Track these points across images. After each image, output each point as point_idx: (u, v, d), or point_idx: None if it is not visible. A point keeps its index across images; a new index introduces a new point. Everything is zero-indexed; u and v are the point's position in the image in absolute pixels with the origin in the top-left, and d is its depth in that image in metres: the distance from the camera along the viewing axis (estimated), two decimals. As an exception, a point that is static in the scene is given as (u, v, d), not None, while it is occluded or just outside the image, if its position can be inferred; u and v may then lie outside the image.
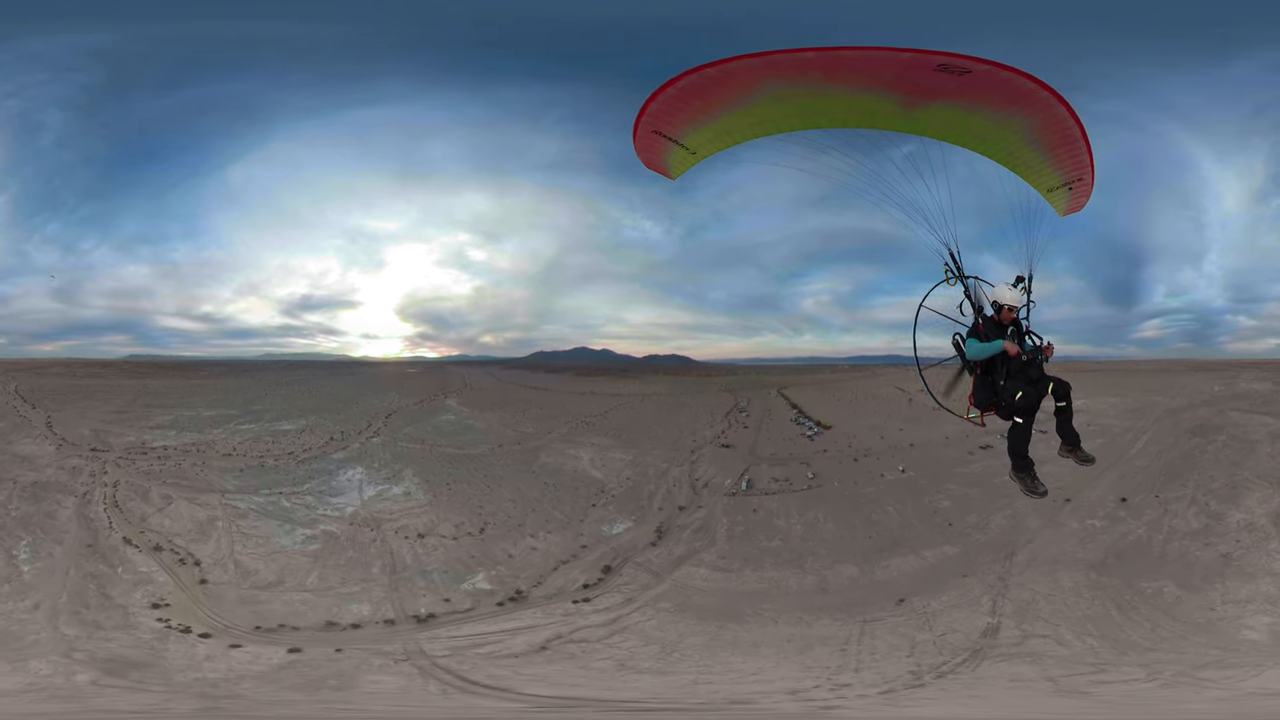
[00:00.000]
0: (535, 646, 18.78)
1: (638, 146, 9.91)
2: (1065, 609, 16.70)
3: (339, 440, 31.44)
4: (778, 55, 8.67)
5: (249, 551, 24.88)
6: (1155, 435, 24.27)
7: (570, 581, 21.04)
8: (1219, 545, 19.79)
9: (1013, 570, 17.26)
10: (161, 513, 27.09)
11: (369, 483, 28.47)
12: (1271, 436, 24.69)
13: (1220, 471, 22.25)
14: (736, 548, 17.94)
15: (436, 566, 23.14)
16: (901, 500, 19.35)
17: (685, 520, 20.23)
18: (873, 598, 15.60)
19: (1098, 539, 19.05)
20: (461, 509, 25.56)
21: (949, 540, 17.67)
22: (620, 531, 22.11)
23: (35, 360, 38.75)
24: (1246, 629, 17.73)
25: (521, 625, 20.19)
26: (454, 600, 21.49)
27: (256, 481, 29.02)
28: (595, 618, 19.07)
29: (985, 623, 15.48)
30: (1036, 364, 10.19)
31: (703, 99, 9.21)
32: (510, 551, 23.25)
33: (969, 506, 19.24)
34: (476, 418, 32.69)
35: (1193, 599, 17.95)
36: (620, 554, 21.28)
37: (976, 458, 22.04)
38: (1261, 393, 28.01)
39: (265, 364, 42.34)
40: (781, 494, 19.62)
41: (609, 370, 42.11)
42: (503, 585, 21.86)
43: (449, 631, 20.31)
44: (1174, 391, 28.36)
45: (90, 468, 29.66)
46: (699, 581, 17.72)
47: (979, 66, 8.61)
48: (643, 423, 29.44)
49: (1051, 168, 9.73)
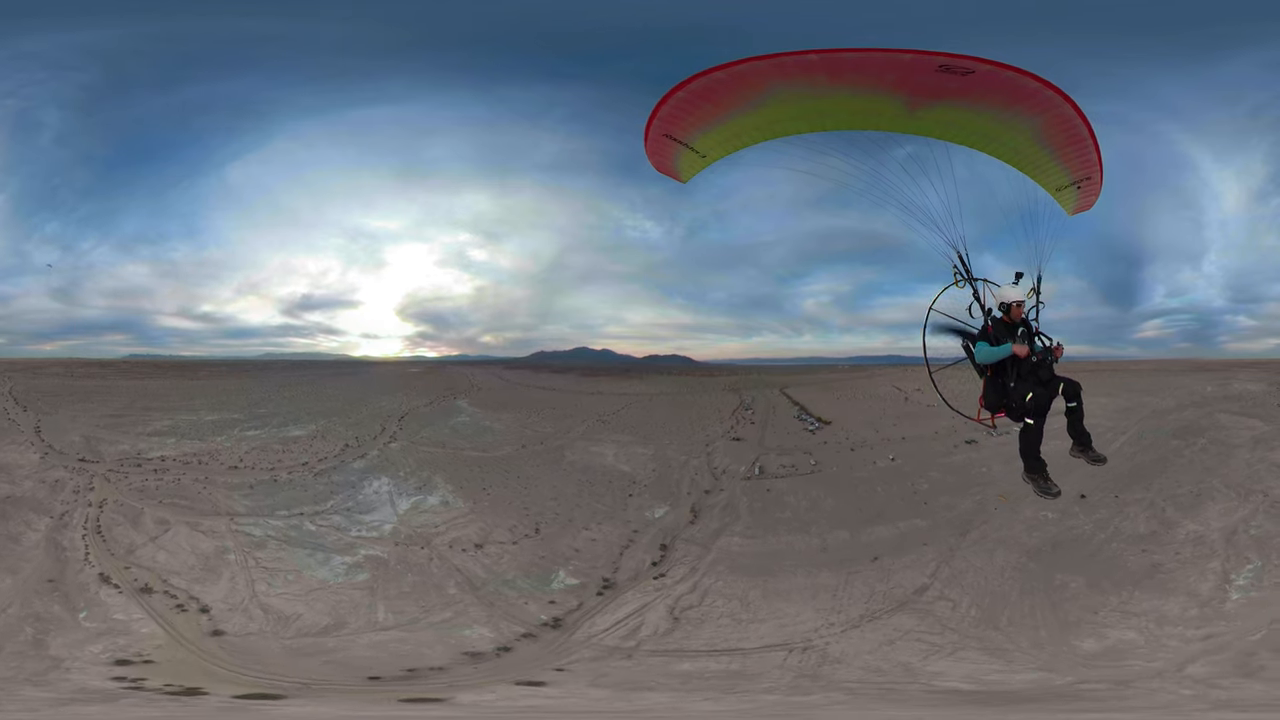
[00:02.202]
0: (669, 619, 18.58)
1: (649, 150, 9.95)
2: (982, 582, 18.32)
3: (355, 447, 29.46)
4: (783, 57, 8.73)
5: (280, 591, 21.35)
6: (1134, 436, 24.48)
7: (640, 562, 21.21)
8: (1155, 554, 19.55)
9: (962, 545, 19.26)
10: (155, 542, 23.07)
11: (399, 494, 26.28)
12: (1254, 441, 24.16)
13: (1189, 477, 21.87)
14: (758, 520, 20.69)
15: (516, 573, 21.65)
16: (888, 483, 21.89)
17: (712, 502, 22.20)
18: (857, 555, 18.68)
19: (1045, 529, 20.14)
20: (507, 513, 24.32)
21: (921, 516, 20.19)
22: (661, 515, 22.73)
23: (34, 360, 38.51)
24: (1090, 639, 17.52)
25: (636, 606, 19.68)
26: (559, 601, 20.18)
27: (271, 501, 26.05)
28: (680, 588, 19.86)
29: (922, 582, 17.96)
30: (1046, 365, 10.23)
31: (711, 102, 9.27)
32: (574, 546, 22.43)
33: (944, 490, 21.34)
34: (492, 419, 31.71)
35: (1087, 598, 18.22)
36: (668, 533, 22.05)
37: (959, 450, 23.78)
38: (1254, 394, 27.65)
39: (266, 364, 42.25)
40: (789, 477, 22.50)
41: (612, 370, 42.21)
42: (588, 577, 20.97)
43: (590, 628, 18.96)
44: (1166, 392, 28.25)
45: (75, 482, 26.35)
46: (735, 548, 20.04)
47: (982, 66, 8.66)
48: (656, 420, 29.86)
49: (1059, 166, 9.78)
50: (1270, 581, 18.88)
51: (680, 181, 10.47)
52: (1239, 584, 19.04)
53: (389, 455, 28.56)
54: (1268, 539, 19.95)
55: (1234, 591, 18.78)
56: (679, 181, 10.47)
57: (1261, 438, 24.26)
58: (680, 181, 10.47)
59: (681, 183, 10.46)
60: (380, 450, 28.90)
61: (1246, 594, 18.63)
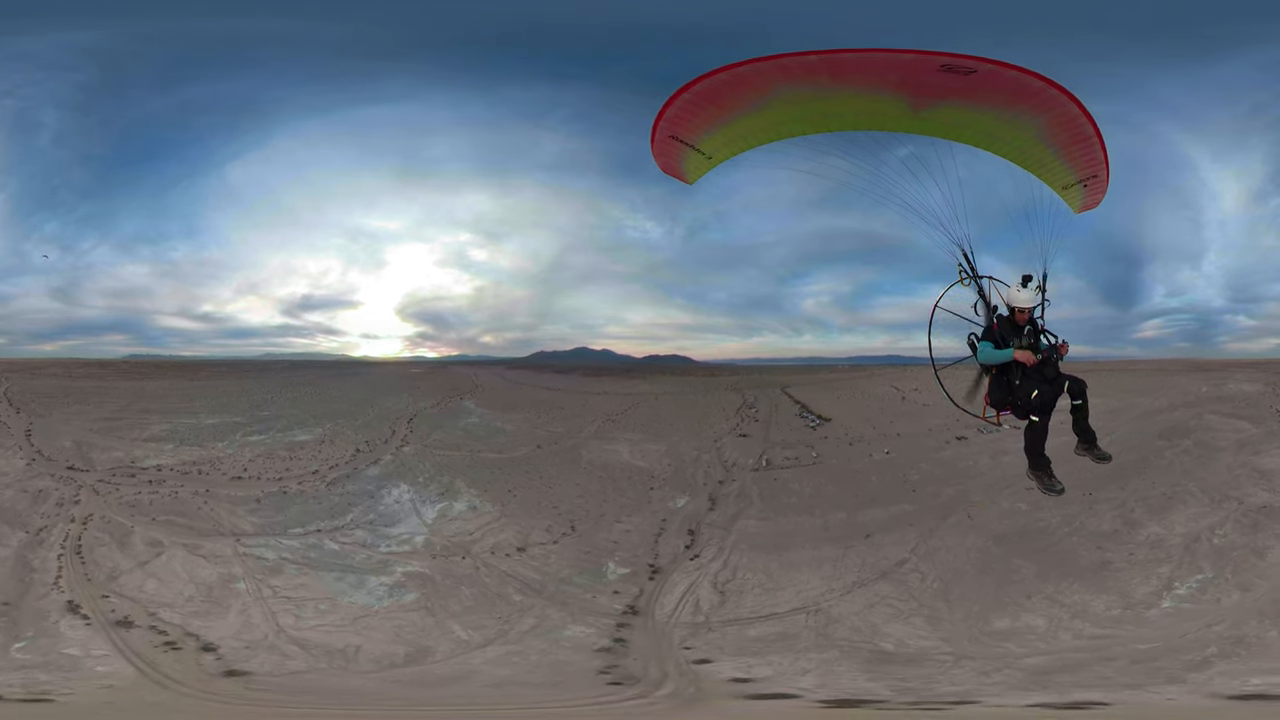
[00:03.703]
0: (716, 594, 19.35)
1: (655, 152, 9.98)
2: (950, 560, 19.58)
3: (366, 452, 27.80)
4: (786, 58, 8.76)
5: (314, 623, 18.65)
6: (1120, 437, 24.29)
7: (675, 546, 21.77)
8: (1110, 552, 19.43)
9: (941, 527, 20.59)
10: (144, 568, 20.17)
11: (423, 502, 24.55)
12: (1238, 445, 23.76)
13: (1166, 479, 21.64)
14: (768, 505, 22.38)
15: (569, 571, 21.04)
16: (883, 473, 23.52)
17: (726, 490, 23.54)
18: (852, 533, 20.44)
19: (1015, 518, 20.92)
20: (539, 514, 23.69)
21: (909, 501, 21.77)
22: (683, 504, 23.54)
23: (34, 360, 38.32)
24: (1006, 619, 17.85)
25: (685, 585, 20.12)
26: (621, 590, 19.93)
27: (282, 517, 23.20)
28: (714, 565, 20.64)
29: (902, 556, 19.50)
30: (1052, 363, 10.27)
31: (716, 103, 9.31)
32: (612, 539, 22.42)
33: (931, 480, 22.86)
34: (502, 420, 31.17)
35: (1030, 584, 18.74)
36: (692, 520, 22.86)
37: (949, 446, 24.88)
38: (1248, 394, 27.30)
39: (266, 364, 42.18)
40: (793, 468, 24.19)
41: (614, 370, 42.26)
42: (635, 565, 20.97)
43: (662, 610, 19.20)
44: (1159, 392, 28.03)
45: (60, 493, 23.54)
46: (752, 529, 21.52)
47: (984, 66, 8.69)
48: (664, 419, 30.32)
49: (1065, 165, 9.81)
50: (1212, 595, 18.39)
51: (687, 183, 10.52)
52: (1178, 592, 18.63)
53: (403, 460, 27.37)
54: (1228, 550, 19.58)
55: (1168, 600, 18.41)
56: (686, 183, 10.53)
57: (1248, 441, 23.92)
58: (687, 183, 10.52)
59: (688, 184, 10.52)
60: (394, 455, 27.72)
61: (1179, 604, 18.27)
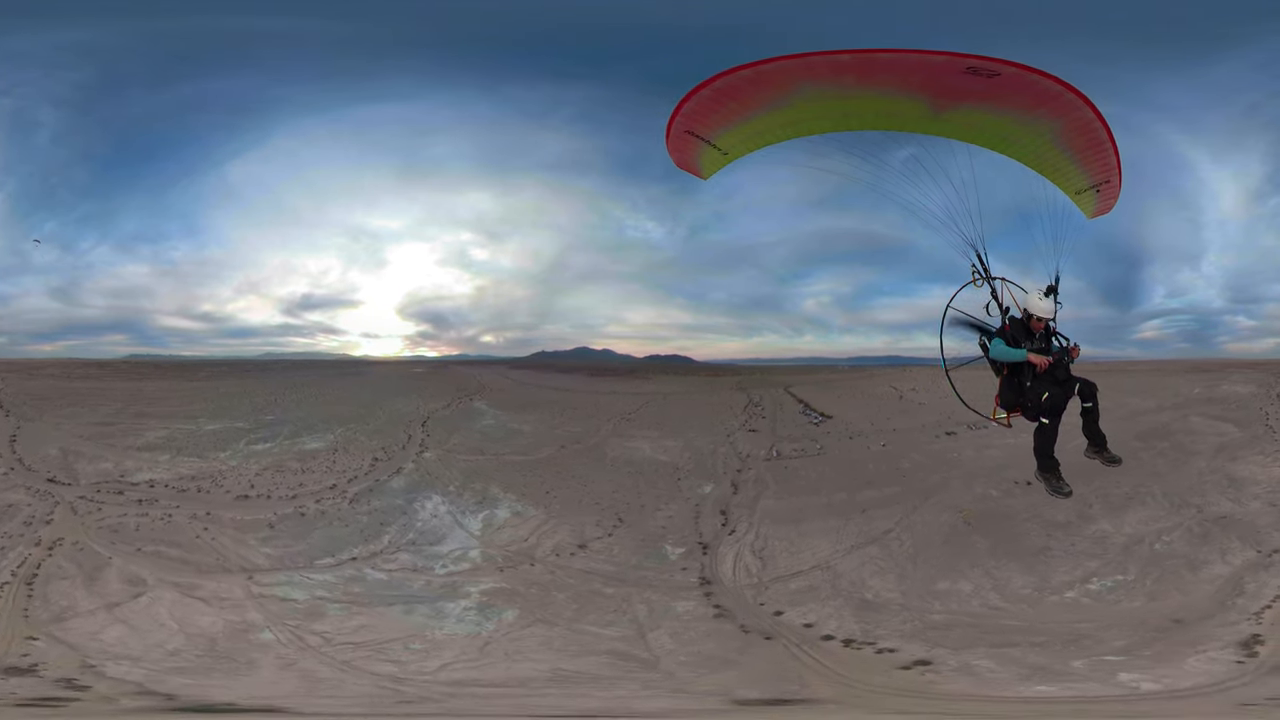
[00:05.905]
0: (757, 560, 21.51)
1: (670, 147, 10.00)
2: (925, 532, 21.58)
3: (385, 460, 25.77)
4: (813, 57, 8.77)
5: (433, 664, 15.48)
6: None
7: (713, 526, 23.29)
8: (1054, 540, 20.45)
9: (921, 505, 22.70)
10: (111, 611, 14.97)
11: (462, 513, 23.18)
12: (1217, 449, 23.61)
13: (1131, 480, 21.79)
14: (782, 488, 24.59)
15: (636, 558, 21.31)
16: (878, 462, 25.82)
17: (745, 478, 25.55)
18: (851, 509, 22.87)
19: (987, 503, 22.63)
20: (584, 511, 23.77)
21: (899, 485, 23.99)
22: (710, 490, 25.02)
23: (33, 360, 38.02)
24: (946, 581, 19.65)
25: (732, 556, 21.76)
26: (688, 568, 21.22)
27: (304, 545, 19.88)
28: (749, 536, 22.58)
29: (888, 527, 21.76)
30: (1063, 365, 10.28)
31: (737, 100, 9.32)
32: (659, 525, 23.37)
33: (920, 468, 25.00)
34: (517, 421, 30.54)
35: (978, 557, 20.45)
36: (721, 503, 24.41)
37: (939, 440, 26.56)
38: (1240, 396, 26.95)
39: (266, 364, 41.87)
40: (800, 458, 26.41)
41: (618, 371, 42.15)
42: (687, 544, 22.15)
43: (724, 578, 21.14)
44: (1151, 393, 27.63)
45: (32, 509, 20.26)
46: (771, 507, 23.62)
47: (1008, 69, 8.74)
48: (675, 417, 30.72)
49: (1079, 170, 9.86)
50: (1115, 597, 18.56)
51: (701, 178, 10.55)
52: (1089, 587, 18.85)
53: (427, 468, 25.44)
54: (1164, 557, 19.50)
55: (1074, 591, 18.77)
56: (700, 178, 10.56)
57: (1226, 445, 23.64)
58: (701, 178, 10.55)
59: (703, 179, 10.54)
60: (415, 462, 25.67)
61: (1080, 598, 18.63)
